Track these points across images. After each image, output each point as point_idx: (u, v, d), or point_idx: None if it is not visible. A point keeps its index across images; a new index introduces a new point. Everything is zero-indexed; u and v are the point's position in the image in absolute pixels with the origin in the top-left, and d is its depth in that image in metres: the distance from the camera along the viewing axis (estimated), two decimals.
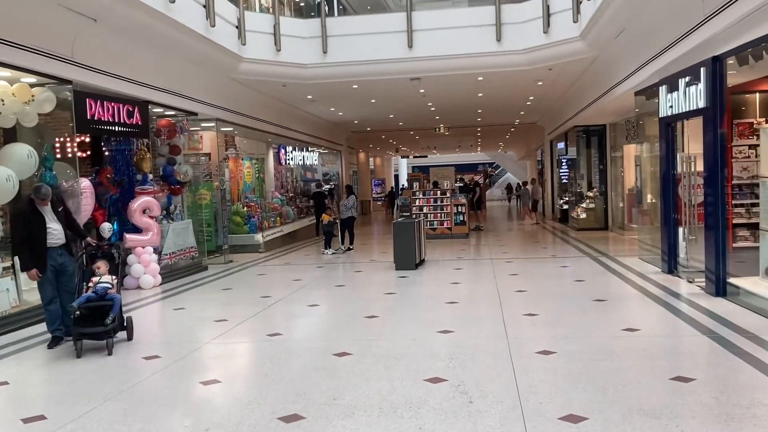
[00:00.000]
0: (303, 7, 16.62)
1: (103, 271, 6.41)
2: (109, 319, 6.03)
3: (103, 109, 9.37)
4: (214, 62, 12.03)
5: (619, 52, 11.53)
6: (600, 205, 18.74)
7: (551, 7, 12.29)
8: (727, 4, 7.04)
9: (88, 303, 6.13)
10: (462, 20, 13.29)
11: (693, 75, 8.17)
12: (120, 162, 11.42)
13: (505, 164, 54.40)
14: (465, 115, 22.83)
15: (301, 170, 22.96)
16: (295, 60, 13.39)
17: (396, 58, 13.39)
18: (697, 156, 9.04)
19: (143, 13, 8.86)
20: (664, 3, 8.41)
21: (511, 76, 14.33)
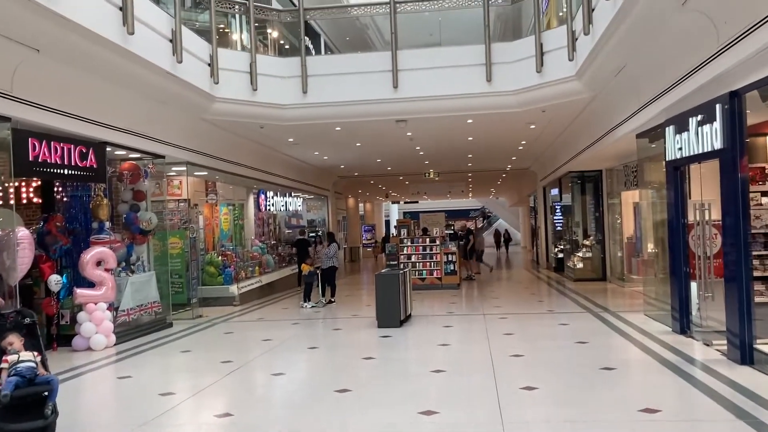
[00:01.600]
0: (287, 49, 15.88)
1: (18, 346, 5.09)
2: (49, 409, 4.71)
3: (49, 150, 8.41)
4: (182, 101, 11.14)
5: (619, 91, 10.73)
6: (597, 254, 17.82)
7: (545, 45, 11.55)
8: (746, 33, 6.22)
9: (17, 390, 4.70)
10: (450, 60, 12.53)
11: (706, 113, 7.31)
12: (76, 209, 10.45)
13: (497, 211, 53.68)
14: (455, 160, 22.07)
15: (285, 217, 21.98)
16: (273, 100, 12.55)
17: (380, 98, 12.58)
18: (711, 203, 8.16)
19: (95, 44, 7.97)
20: (671, 35, 7.61)
21: (502, 119, 13.54)
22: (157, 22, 9.53)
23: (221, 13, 12.72)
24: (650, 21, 7.53)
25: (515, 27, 15.30)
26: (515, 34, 14.18)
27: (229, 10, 12.93)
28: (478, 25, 12.64)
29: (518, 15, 14.76)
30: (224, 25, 13.66)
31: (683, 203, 8.85)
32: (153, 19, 9.40)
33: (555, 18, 12.79)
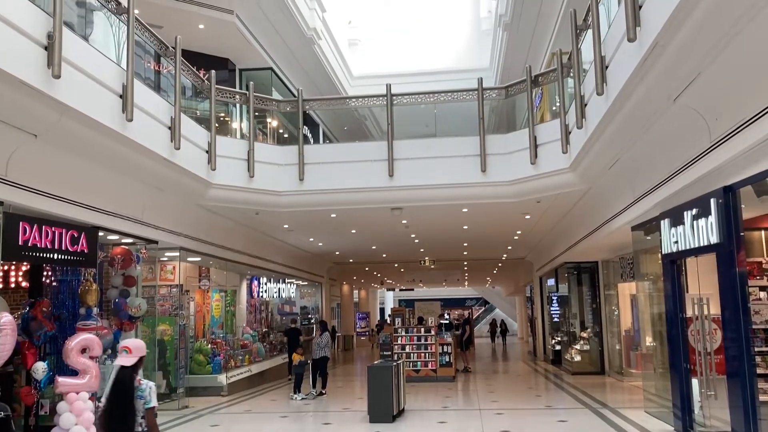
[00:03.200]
0: (286, 137, 16.13)
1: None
2: None
3: (40, 234, 8.32)
4: (178, 187, 11.17)
5: (614, 184, 10.81)
6: (595, 347, 17.49)
7: (538, 137, 11.73)
8: (737, 131, 6.30)
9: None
10: (445, 150, 12.69)
11: (701, 207, 7.32)
12: (64, 294, 10.23)
13: (493, 300, 53.21)
14: (451, 249, 22.03)
15: (278, 303, 21.68)
16: (270, 187, 12.60)
17: (376, 186, 12.64)
18: (709, 297, 8.04)
19: (95, 131, 8.05)
20: (663, 129, 7.71)
21: (497, 209, 13.58)
22: (156, 110, 9.67)
23: (221, 102, 12.97)
24: (642, 116, 7.65)
25: (509, 119, 15.61)
26: (509, 127, 14.43)
27: (230, 100, 13.20)
28: (473, 117, 12.88)
29: (512, 108, 15.08)
30: (224, 114, 13.92)
31: (681, 297, 8.73)
32: (152, 107, 9.54)
33: (548, 112, 13.06)
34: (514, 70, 18.66)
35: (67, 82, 7.05)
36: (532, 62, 17.93)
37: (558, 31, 15.80)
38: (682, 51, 5.83)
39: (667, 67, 6.22)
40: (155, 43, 10.32)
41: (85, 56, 7.65)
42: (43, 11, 6.79)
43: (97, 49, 8.14)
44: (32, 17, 6.61)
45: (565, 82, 11.16)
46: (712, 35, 5.47)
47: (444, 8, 28.15)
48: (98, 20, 8.88)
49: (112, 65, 8.38)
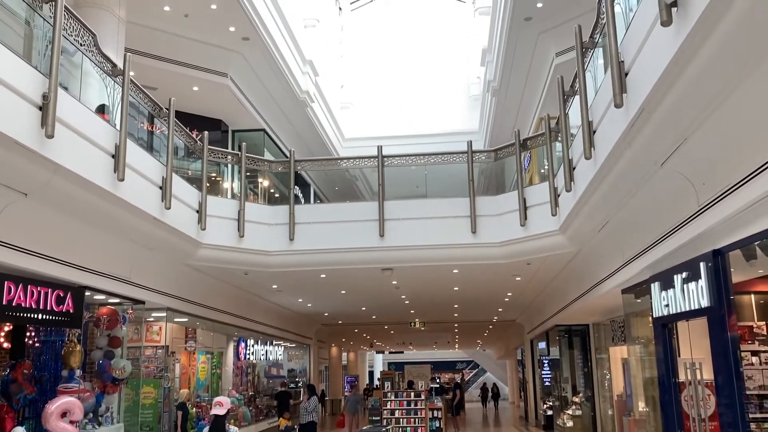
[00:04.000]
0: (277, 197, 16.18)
1: None
2: None
3: (25, 293, 8.20)
4: (167, 246, 11.11)
5: (603, 247, 10.84)
6: (587, 411, 17.19)
7: (528, 199, 11.83)
8: (724, 195, 6.38)
9: None
10: (436, 211, 12.76)
11: (691, 271, 7.32)
12: (47, 355, 10.03)
13: (484, 363, 52.54)
14: (441, 311, 21.86)
15: (265, 366, 21.29)
16: (259, 247, 12.57)
17: (367, 247, 12.64)
18: (702, 362, 7.97)
19: (85, 190, 8.04)
20: (652, 193, 7.80)
21: (487, 270, 13.56)
22: (148, 170, 9.70)
23: (214, 162, 13.05)
24: (630, 179, 7.74)
25: (499, 181, 15.77)
26: (499, 188, 14.57)
27: (222, 160, 13.29)
28: (463, 179, 13.02)
29: (501, 170, 15.26)
30: (216, 174, 13.99)
31: (673, 361, 8.64)
32: (144, 167, 9.58)
33: (537, 174, 13.22)
34: (503, 133, 18.98)
35: (60, 142, 7.09)
36: (520, 126, 18.28)
37: (546, 97, 16.16)
38: (668, 117, 5.96)
39: (654, 133, 6.34)
40: (149, 105, 10.44)
41: (78, 116, 7.71)
42: (39, 72, 6.88)
43: (91, 110, 8.22)
44: (28, 78, 6.69)
45: (553, 146, 11.35)
46: (698, 102, 5.60)
47: (434, 73, 28.79)
48: (93, 81, 8.99)
49: (104, 125, 8.45)
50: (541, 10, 13.60)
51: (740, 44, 4.71)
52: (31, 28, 7.72)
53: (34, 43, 7.67)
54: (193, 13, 13.58)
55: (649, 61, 5.70)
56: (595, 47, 8.25)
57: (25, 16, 7.75)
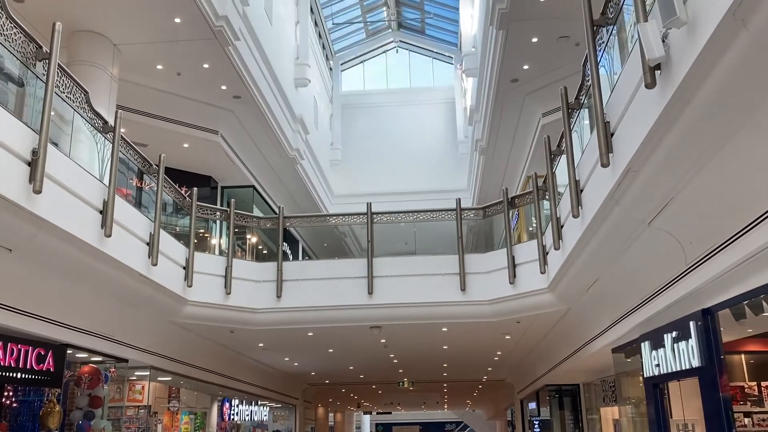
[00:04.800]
0: (265, 253, 16.11)
1: None
2: None
3: (5, 352, 8.01)
4: (153, 303, 10.95)
5: (593, 305, 10.80)
6: None
7: (516, 257, 11.83)
8: (711, 254, 6.41)
9: None
10: (425, 268, 12.72)
11: (681, 330, 7.29)
12: (25, 416, 9.74)
13: (473, 424, 51.52)
14: (430, 369, 21.54)
15: (249, 427, 20.76)
16: (246, 304, 12.41)
17: (355, 304, 12.53)
18: (694, 423, 7.85)
19: (71, 245, 7.96)
20: (640, 251, 7.82)
21: (477, 328, 13.44)
22: (135, 226, 9.64)
23: (202, 218, 13.02)
24: (618, 238, 7.77)
25: (488, 239, 15.82)
26: (488, 246, 14.60)
27: (210, 217, 13.25)
28: (452, 236, 13.03)
29: (490, 228, 15.33)
30: (204, 230, 13.94)
31: (665, 422, 8.51)
32: (132, 223, 9.52)
33: (525, 232, 13.26)
34: (492, 190, 19.17)
35: (47, 198, 7.05)
36: (508, 183, 18.47)
37: (533, 155, 16.40)
38: (654, 177, 6.02)
39: (641, 192, 6.40)
40: (139, 161, 10.47)
41: (67, 172, 7.70)
42: (29, 129, 6.90)
43: (80, 166, 8.22)
44: (18, 134, 6.69)
45: (541, 204, 11.42)
46: (683, 162, 5.67)
47: (422, 132, 29.20)
48: (84, 137, 9.02)
49: (94, 181, 8.43)
50: (528, 72, 13.95)
51: (723, 106, 4.81)
52: (24, 84, 7.78)
53: (26, 99, 7.72)
54: (186, 72, 13.79)
55: (635, 122, 5.81)
56: (580, 108, 8.41)
57: (19, 73, 7.83)
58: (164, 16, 11.95)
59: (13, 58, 7.21)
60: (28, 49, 7.24)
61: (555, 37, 12.97)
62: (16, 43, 7.03)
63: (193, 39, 12.65)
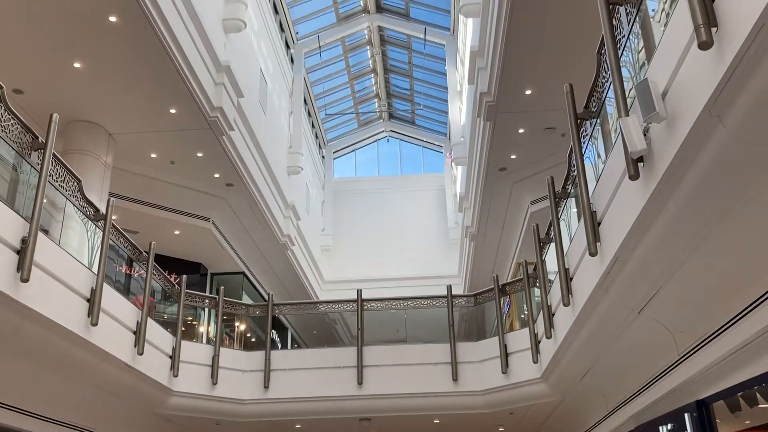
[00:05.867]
0: (253, 342, 15.86)
1: None
2: None
3: None
4: (137, 394, 10.65)
5: (587, 395, 10.60)
6: None
7: (509, 346, 11.70)
8: (703, 344, 6.37)
9: None
10: (416, 357, 12.54)
11: (676, 422, 7.13)
12: None
13: None
14: None
15: None
16: (233, 395, 12.12)
17: (345, 395, 12.25)
18: None
19: (56, 334, 7.82)
20: (631, 342, 7.76)
21: (470, 420, 13.08)
22: (122, 314, 9.54)
23: (190, 306, 12.89)
24: (610, 326, 7.73)
25: (479, 327, 15.66)
26: (480, 334, 14.44)
27: (199, 305, 13.14)
28: (443, 323, 12.92)
29: (482, 315, 15.20)
30: (192, 317, 13.78)
31: None
32: (119, 311, 9.43)
33: (517, 320, 13.18)
34: (483, 276, 19.16)
35: (34, 286, 7.00)
36: (499, 269, 18.48)
37: (523, 242, 16.51)
38: (642, 266, 6.06)
39: (629, 281, 6.42)
40: (129, 249, 10.46)
41: (56, 260, 7.68)
42: (20, 217, 6.92)
43: (70, 254, 8.20)
44: (9, 222, 6.72)
45: (532, 291, 11.41)
46: (670, 251, 5.72)
47: (413, 218, 29.44)
48: (75, 224, 9.05)
49: (82, 269, 8.40)
50: (515, 161, 14.25)
51: (706, 197, 4.90)
52: (17, 172, 7.86)
53: (19, 186, 7.78)
54: (180, 160, 14.01)
55: (621, 212, 5.89)
56: (567, 197, 8.54)
57: (13, 162, 7.92)
58: (160, 107, 12.26)
59: (9, 148, 7.32)
60: (24, 139, 7.37)
61: (541, 128, 13.35)
62: (12, 133, 7.16)
63: (188, 129, 12.94)
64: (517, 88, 12.19)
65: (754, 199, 4.75)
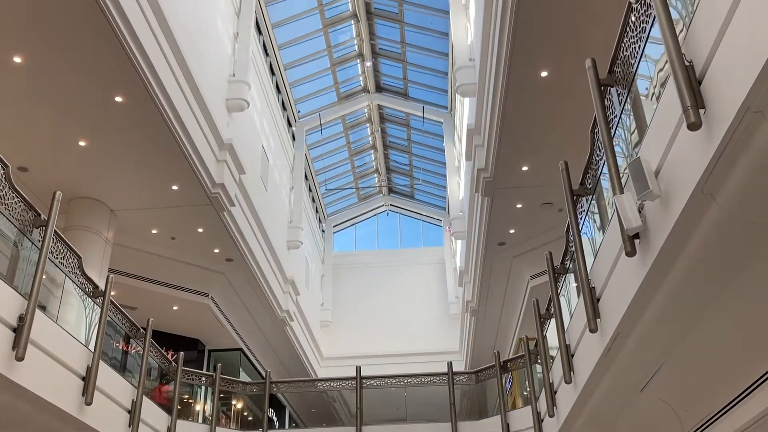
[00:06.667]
0: (250, 420, 15.51)
1: None
2: None
3: None
4: None
5: None
6: None
7: (511, 425, 11.47)
8: (708, 423, 6.23)
9: None
10: None
11: None
12: None
13: None
14: None
15: None
16: None
17: None
18: None
19: (48, 414, 7.66)
20: (634, 421, 7.61)
21: None
22: (117, 392, 9.38)
23: (187, 383, 12.68)
24: (613, 404, 7.58)
25: (481, 404, 15.35)
26: (482, 412, 14.15)
27: (195, 382, 12.91)
28: (444, 401, 12.66)
29: (483, 392, 14.93)
30: (188, 395, 13.51)
31: None
32: (114, 389, 9.27)
33: (520, 397, 12.91)
34: (484, 352, 18.90)
35: (29, 365, 6.91)
36: (501, 345, 18.27)
37: (524, 317, 16.39)
38: (643, 343, 6.00)
39: (631, 358, 6.34)
40: (127, 325, 10.38)
41: (52, 338, 7.61)
42: (18, 294, 6.91)
43: (67, 331, 8.14)
44: (6, 299, 6.69)
45: (533, 368, 11.24)
46: (670, 327, 5.68)
47: (413, 293, 29.30)
48: (73, 300, 9.02)
49: (79, 346, 8.32)
50: (514, 236, 14.32)
51: (705, 272, 4.91)
52: (18, 248, 7.89)
53: (19, 263, 7.79)
54: (180, 236, 14.08)
55: (619, 288, 5.89)
56: (566, 273, 8.54)
57: (14, 239, 7.97)
58: (163, 184, 12.43)
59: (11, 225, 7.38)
60: (26, 216, 7.44)
61: (538, 203, 13.48)
62: (15, 211, 7.23)
63: (189, 205, 13.06)
64: (514, 164, 12.40)
65: (755, 273, 4.76)
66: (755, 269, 4.71)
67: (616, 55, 5.61)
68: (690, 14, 4.19)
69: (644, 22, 4.95)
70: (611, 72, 5.76)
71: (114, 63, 9.59)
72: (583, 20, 9.26)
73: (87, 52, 9.41)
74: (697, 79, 3.98)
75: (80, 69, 9.71)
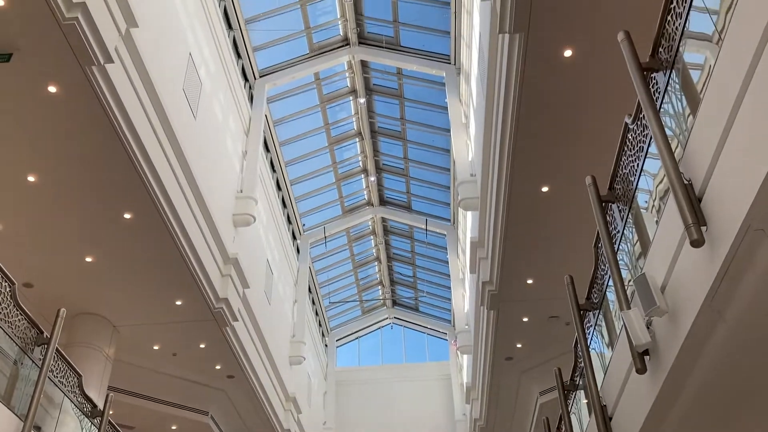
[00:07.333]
0: None
1: None
2: None
3: None
4: None
5: None
6: None
7: None
8: None
9: None
10: None
11: None
12: None
13: None
14: None
15: None
16: None
17: None
18: None
19: None
20: None
21: None
22: None
23: None
24: None
25: None
26: None
27: None
28: None
29: None
30: None
31: None
32: None
33: None
34: None
35: None
36: None
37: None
38: None
39: None
40: None
41: None
42: (15, 415, 6.74)
43: None
44: (2, 420, 6.53)
45: None
46: None
47: (418, 409, 28.41)
48: (70, 419, 8.76)
49: None
50: (521, 350, 14.08)
51: (720, 387, 4.78)
52: (17, 367, 7.77)
53: (17, 382, 7.65)
54: (182, 352, 13.87)
55: (632, 406, 5.72)
56: (576, 389, 8.33)
57: (15, 357, 7.86)
58: (167, 299, 12.39)
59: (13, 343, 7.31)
60: (29, 334, 7.38)
61: (545, 317, 13.35)
62: (18, 329, 7.19)
63: (192, 320, 12.96)
64: (519, 277, 12.39)
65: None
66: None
67: (616, 172, 5.75)
68: (685, 132, 4.33)
69: (641, 141, 5.11)
70: (611, 188, 5.88)
71: (126, 182, 9.81)
72: (580, 137, 9.57)
73: (100, 171, 9.67)
74: (697, 197, 4.05)
75: (92, 188, 9.93)
